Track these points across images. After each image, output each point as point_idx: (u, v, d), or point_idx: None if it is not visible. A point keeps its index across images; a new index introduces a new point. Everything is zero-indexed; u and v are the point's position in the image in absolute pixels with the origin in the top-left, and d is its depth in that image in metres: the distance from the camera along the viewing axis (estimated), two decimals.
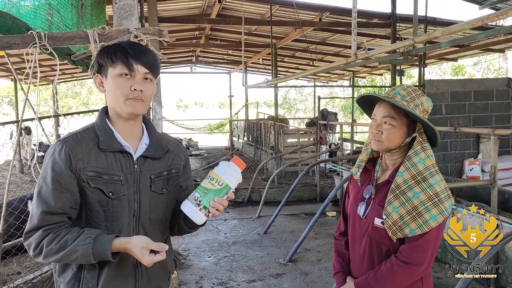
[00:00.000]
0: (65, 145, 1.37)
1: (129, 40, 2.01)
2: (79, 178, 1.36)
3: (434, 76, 20.89)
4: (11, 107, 27.32)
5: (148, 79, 1.42)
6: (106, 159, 1.40)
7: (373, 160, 1.79)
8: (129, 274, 1.44)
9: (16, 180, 8.67)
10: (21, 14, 2.71)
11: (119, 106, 1.40)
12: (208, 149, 15.22)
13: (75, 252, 1.30)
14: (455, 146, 6.23)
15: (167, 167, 1.52)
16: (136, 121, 1.47)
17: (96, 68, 1.44)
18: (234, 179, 1.41)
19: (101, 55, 1.42)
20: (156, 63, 1.44)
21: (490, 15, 2.69)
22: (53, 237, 1.32)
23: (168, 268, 1.58)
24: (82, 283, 1.39)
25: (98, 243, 1.30)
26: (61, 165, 1.34)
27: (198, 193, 1.37)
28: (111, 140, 1.41)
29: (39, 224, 1.33)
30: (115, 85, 1.39)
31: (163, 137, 1.57)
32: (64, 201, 1.34)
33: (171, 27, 9.84)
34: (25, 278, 3.46)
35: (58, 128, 12.16)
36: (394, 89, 1.66)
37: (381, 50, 4.49)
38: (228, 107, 17.19)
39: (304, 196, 7.77)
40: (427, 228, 1.55)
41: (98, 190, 1.37)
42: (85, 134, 1.42)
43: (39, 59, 2.51)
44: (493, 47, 9.71)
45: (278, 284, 4.10)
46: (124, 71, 1.38)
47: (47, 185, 1.34)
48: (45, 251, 1.31)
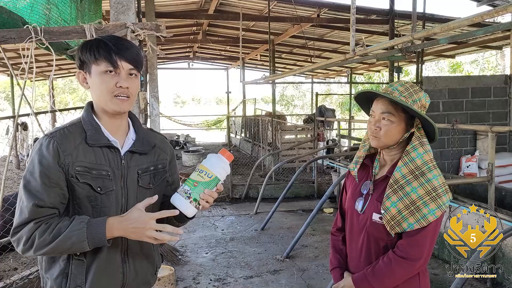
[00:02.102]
0: (53, 140, 1.35)
1: (110, 35, 1.98)
2: (67, 173, 1.34)
3: (431, 73, 20.89)
4: (8, 103, 27.20)
5: (133, 74, 1.41)
6: (94, 154, 1.38)
7: (371, 156, 1.79)
8: (117, 269, 1.43)
9: (13, 176, 8.63)
10: (18, 9, 2.69)
11: (105, 103, 1.39)
12: (205, 145, 15.20)
13: (69, 239, 1.28)
14: (452, 143, 6.24)
15: (153, 162, 1.51)
16: (123, 117, 1.47)
17: (78, 64, 1.42)
18: (223, 171, 1.40)
19: (83, 51, 1.39)
20: (140, 58, 1.43)
21: (490, 11, 2.68)
22: (45, 227, 1.29)
23: (155, 262, 1.58)
24: (70, 279, 1.37)
25: (91, 226, 1.29)
26: (49, 160, 1.32)
27: (188, 186, 1.37)
28: (99, 135, 1.40)
29: (30, 217, 1.30)
30: (100, 82, 1.37)
31: (149, 132, 1.57)
32: (54, 195, 1.32)
33: (169, 23, 9.80)
34: (22, 274, 3.45)
35: (55, 123, 12.12)
36: (392, 85, 1.66)
37: (379, 46, 4.48)
38: (226, 103, 17.20)
39: (302, 193, 7.77)
40: (425, 223, 1.55)
41: (87, 185, 1.36)
42: (72, 129, 1.40)
43: (35, 54, 2.49)
44: (491, 44, 9.72)
45: (276, 280, 4.10)
46: (109, 68, 1.36)
47: (35, 179, 1.31)
48: (37, 242, 1.28)
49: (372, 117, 1.67)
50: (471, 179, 5.48)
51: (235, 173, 8.47)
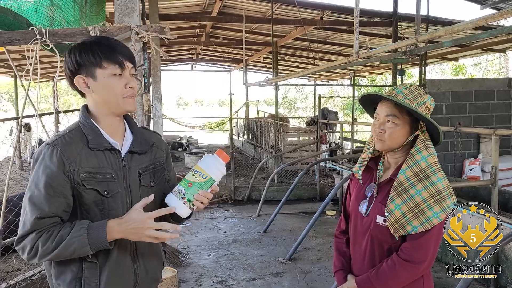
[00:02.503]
0: (55, 149, 1.34)
1: (101, 36, 1.99)
2: (73, 180, 1.34)
3: (434, 76, 20.86)
4: (11, 104, 27.28)
5: (134, 74, 1.44)
6: (97, 158, 1.39)
7: (375, 159, 1.79)
8: (129, 269, 1.45)
9: (16, 177, 8.65)
10: (23, 10, 2.71)
11: (117, 106, 1.40)
12: (208, 147, 15.21)
13: (71, 245, 1.29)
14: (456, 146, 6.22)
15: (152, 161, 1.53)
16: (121, 118, 1.49)
17: (73, 68, 1.38)
18: (218, 172, 1.40)
19: (81, 54, 1.36)
20: (133, 55, 1.46)
21: (494, 14, 2.68)
22: (47, 236, 1.31)
23: (162, 259, 1.62)
24: (84, 283, 1.38)
25: (92, 230, 1.30)
26: (53, 169, 1.32)
27: (182, 187, 1.37)
28: (100, 138, 1.41)
29: (32, 229, 1.31)
30: (109, 85, 1.37)
31: (145, 132, 1.59)
32: (57, 205, 1.33)
33: (172, 25, 9.82)
34: (25, 275, 3.45)
35: (58, 125, 12.15)
36: (396, 88, 1.66)
37: (383, 49, 4.48)
38: (229, 105, 17.20)
39: (304, 195, 7.76)
40: (429, 226, 1.55)
41: (94, 190, 1.36)
42: (72, 135, 1.39)
43: (39, 56, 2.50)
44: (494, 47, 9.70)
45: (278, 282, 4.09)
46: (117, 71, 1.37)
47: (39, 191, 1.32)
48: (41, 251, 1.30)
49: (376, 119, 1.67)
50: (475, 182, 5.47)
51: (237, 175, 8.46)
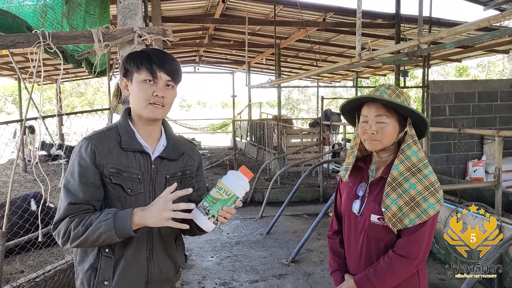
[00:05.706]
0: (91, 142, 1.47)
1: (154, 48, 2.14)
2: (102, 173, 1.46)
3: (437, 77, 20.82)
4: (15, 106, 27.41)
5: (170, 85, 1.52)
6: (127, 157, 1.50)
7: (364, 158, 1.82)
8: (143, 266, 1.53)
9: (20, 179, 8.68)
10: (21, 13, 2.71)
11: (141, 110, 1.51)
12: (211, 149, 15.22)
13: (98, 229, 1.37)
14: (459, 148, 6.20)
15: (181, 168, 1.62)
16: (156, 124, 1.58)
17: (123, 72, 1.56)
18: (241, 188, 1.45)
19: (128, 61, 1.52)
20: (178, 71, 1.54)
21: (497, 15, 2.67)
22: (79, 221, 1.40)
23: (178, 263, 1.67)
24: (98, 273, 1.47)
25: (118, 217, 1.38)
26: (87, 161, 1.45)
27: (207, 203, 1.43)
28: (132, 140, 1.52)
29: (65, 214, 1.42)
30: (138, 90, 1.49)
31: (179, 140, 1.67)
32: (90, 193, 1.44)
33: (175, 27, 9.84)
34: (28, 277, 3.46)
35: (62, 127, 12.19)
36: (378, 89, 1.70)
37: (386, 50, 4.47)
38: (231, 107, 17.22)
39: (307, 197, 7.75)
40: (426, 217, 1.59)
41: (119, 186, 1.47)
42: (109, 133, 1.52)
43: (43, 58, 2.51)
44: (497, 48, 9.67)
45: (281, 284, 4.09)
46: (148, 78, 1.48)
47: (74, 179, 1.44)
48: (72, 234, 1.39)
49: (365, 122, 1.70)
50: (478, 183, 5.46)
51: None
